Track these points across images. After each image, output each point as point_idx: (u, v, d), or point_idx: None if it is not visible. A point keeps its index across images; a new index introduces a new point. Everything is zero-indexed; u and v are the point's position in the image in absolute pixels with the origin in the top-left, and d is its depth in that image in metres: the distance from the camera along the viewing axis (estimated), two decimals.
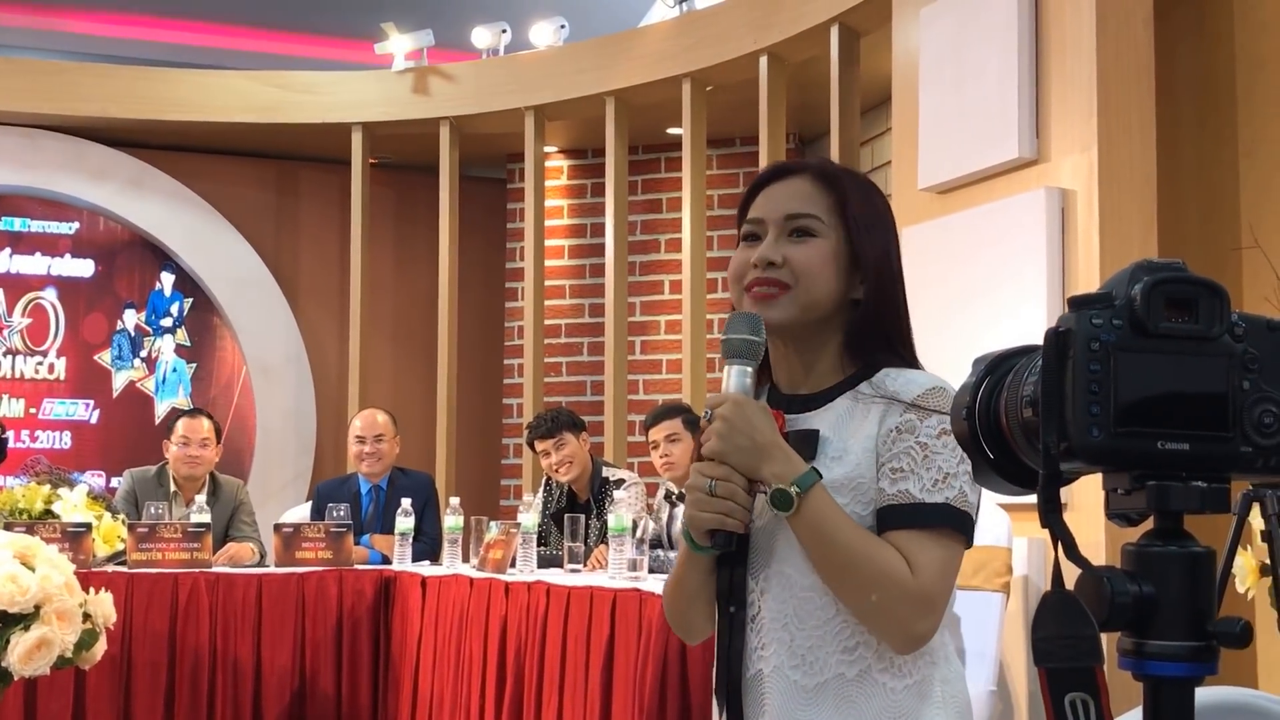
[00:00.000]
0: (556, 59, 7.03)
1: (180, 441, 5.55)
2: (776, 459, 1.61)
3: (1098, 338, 1.01)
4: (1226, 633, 1.02)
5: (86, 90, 7.34)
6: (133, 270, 7.80)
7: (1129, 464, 1.02)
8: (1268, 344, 1.03)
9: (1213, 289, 1.02)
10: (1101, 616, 1.00)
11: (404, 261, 8.06)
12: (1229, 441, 1.02)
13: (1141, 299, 1.01)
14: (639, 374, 7.41)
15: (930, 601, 1.59)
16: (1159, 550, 1.03)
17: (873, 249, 1.71)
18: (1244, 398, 1.02)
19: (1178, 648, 1.01)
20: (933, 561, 1.59)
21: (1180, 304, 1.02)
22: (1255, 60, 4.36)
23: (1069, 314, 1.02)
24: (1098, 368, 1.00)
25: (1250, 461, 1.02)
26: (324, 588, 5.10)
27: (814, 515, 1.60)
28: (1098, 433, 1.00)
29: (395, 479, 5.80)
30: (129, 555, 5.03)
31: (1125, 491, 1.04)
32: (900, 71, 5.05)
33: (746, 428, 1.61)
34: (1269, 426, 1.02)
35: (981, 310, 4.38)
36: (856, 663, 1.64)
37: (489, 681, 4.51)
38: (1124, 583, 1.02)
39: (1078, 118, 4.15)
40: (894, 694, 1.63)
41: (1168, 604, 1.02)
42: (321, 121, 7.41)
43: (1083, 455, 1.01)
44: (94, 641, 3.64)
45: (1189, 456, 1.02)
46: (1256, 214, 4.28)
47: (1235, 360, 1.02)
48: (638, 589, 3.91)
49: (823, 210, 1.71)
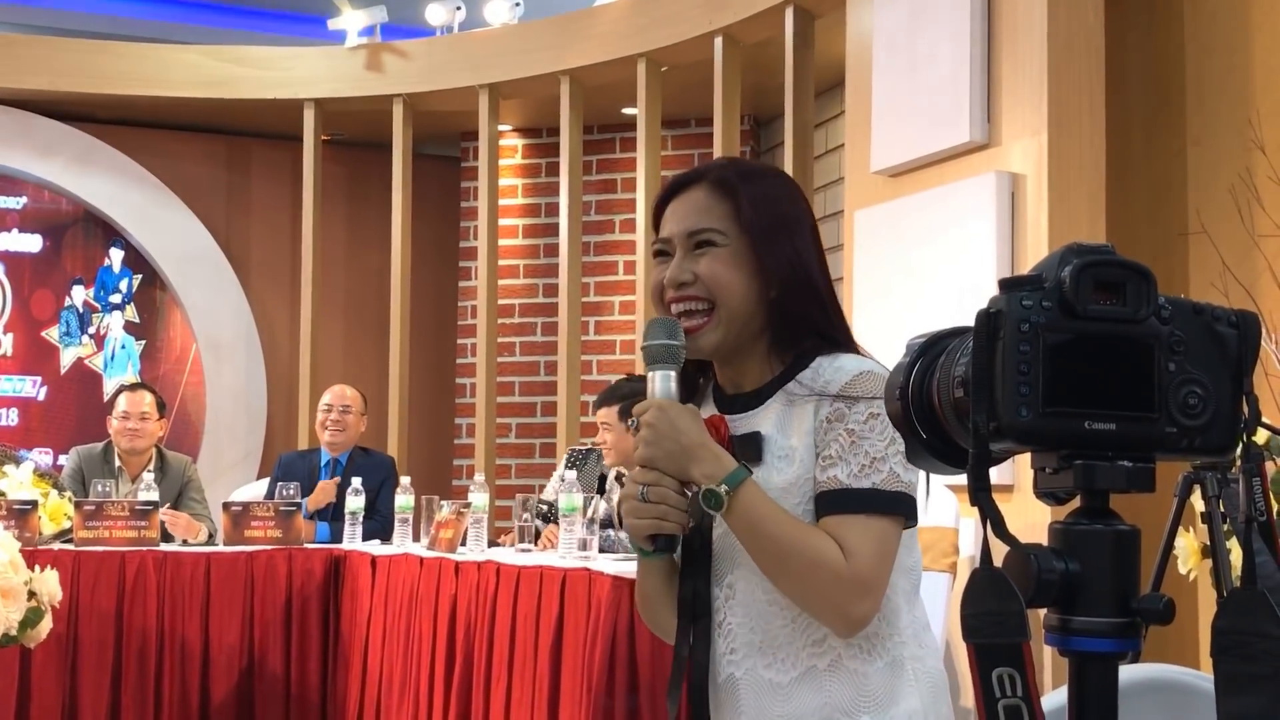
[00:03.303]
0: (511, 37, 7.00)
1: (121, 416, 5.51)
2: (704, 460, 1.63)
3: (1028, 319, 1.02)
4: (1150, 609, 1.03)
5: (34, 63, 7.25)
6: (81, 246, 7.72)
7: (1057, 443, 1.04)
8: (1193, 327, 1.05)
9: (1141, 272, 1.04)
10: (1028, 593, 1.02)
11: (356, 239, 8.01)
12: (1154, 422, 1.03)
13: (1070, 281, 1.02)
14: (592, 354, 7.41)
15: (865, 584, 1.61)
16: (1084, 528, 1.05)
17: (777, 249, 1.72)
18: (1169, 379, 1.04)
19: (1102, 624, 1.03)
20: (864, 545, 1.61)
21: (1108, 287, 1.03)
22: (1204, 49, 4.41)
23: (999, 295, 1.03)
24: (1027, 348, 1.02)
25: (1175, 442, 1.04)
26: (273, 566, 5.08)
27: (745, 511, 1.62)
28: (1026, 412, 1.01)
29: (355, 457, 5.81)
30: (76, 533, 4.99)
31: (1053, 470, 1.06)
32: (854, 55, 5.06)
33: (672, 432, 1.64)
34: (1193, 408, 1.04)
35: (932, 292, 4.41)
36: (827, 653, 1.67)
37: (438, 660, 4.51)
38: (1050, 560, 1.03)
39: (1028, 103, 4.18)
40: (867, 678, 1.66)
41: (1092, 581, 1.04)
42: (273, 97, 7.35)
43: (1011, 435, 1.02)
44: (39, 619, 3.62)
45: (1115, 436, 1.03)
46: (1203, 200, 4.33)
47: (1161, 342, 1.04)
48: (587, 568, 3.92)
49: (721, 219, 1.73)
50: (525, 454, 7.64)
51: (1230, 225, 4.13)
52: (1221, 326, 1.06)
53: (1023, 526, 1.13)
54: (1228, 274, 4.04)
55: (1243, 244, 4.08)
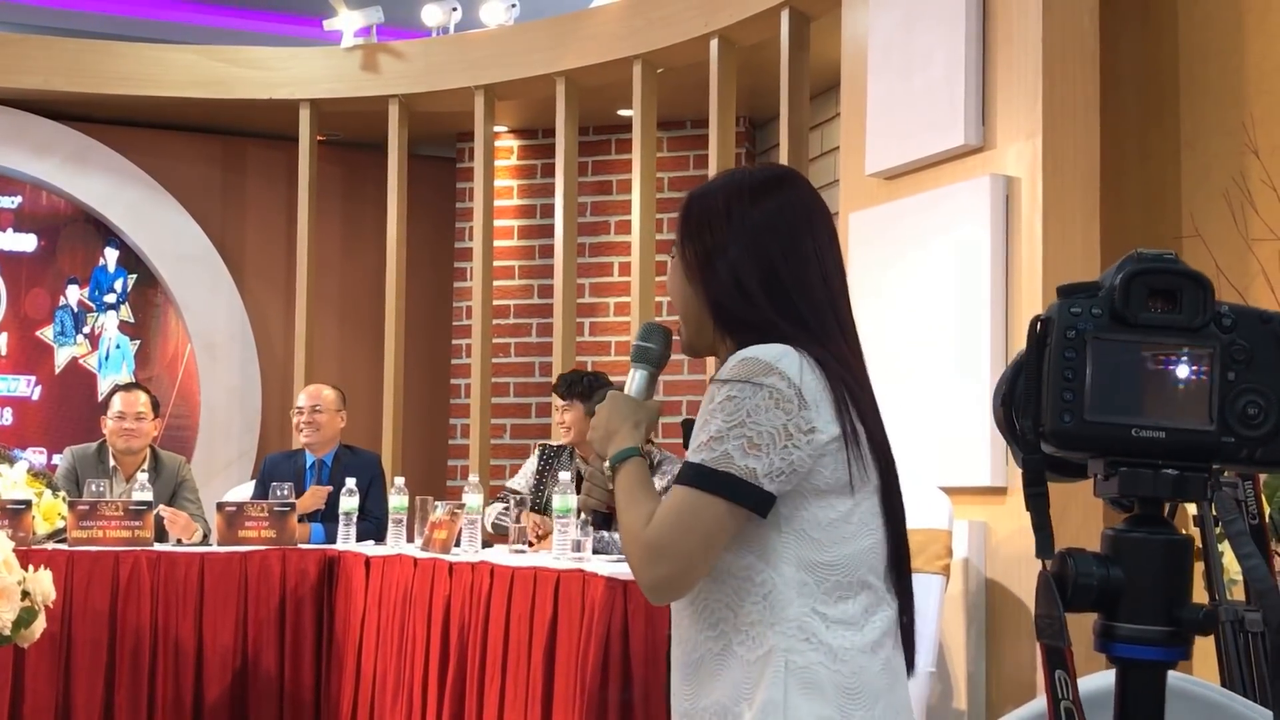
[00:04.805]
0: (507, 38, 7.01)
1: (115, 416, 5.50)
2: (616, 442, 1.79)
3: (1074, 326, 1.01)
4: (1190, 619, 1.03)
5: (30, 63, 7.24)
6: (76, 246, 7.71)
7: (1101, 449, 1.02)
8: (1259, 335, 1.03)
9: (1197, 279, 1.02)
10: (1065, 597, 1.01)
11: (351, 240, 8.01)
12: (1209, 431, 1.02)
13: (1120, 289, 1.01)
14: (587, 355, 7.41)
15: (654, 550, 1.66)
16: (1132, 536, 1.04)
17: (697, 250, 1.81)
18: (1229, 388, 1.02)
19: (1148, 631, 1.02)
20: (666, 513, 1.67)
21: (1163, 294, 1.02)
22: (1198, 52, 4.41)
23: (1054, 303, 1.03)
24: (1072, 355, 1.01)
25: (1233, 452, 1.02)
26: (267, 567, 5.08)
27: (618, 483, 1.75)
28: (1069, 419, 1.01)
29: (341, 456, 5.78)
30: (69, 533, 4.98)
31: (1104, 477, 1.05)
32: (849, 57, 5.07)
33: (604, 418, 1.82)
34: (1253, 418, 1.02)
35: (927, 294, 4.41)
36: (720, 638, 1.70)
37: (432, 661, 4.51)
38: (1089, 565, 1.02)
39: (1023, 106, 4.19)
40: (748, 665, 1.68)
41: (1139, 588, 1.02)
42: (269, 98, 7.34)
43: (1055, 440, 1.01)
44: (33, 619, 3.61)
45: (1164, 444, 1.02)
46: (1197, 203, 4.33)
47: (1221, 351, 1.02)
48: (581, 570, 3.92)
49: (677, 234, 1.86)
50: (520, 455, 7.63)
51: (1224, 229, 4.14)
52: None
53: (1017, 530, 1.14)
54: (1221, 278, 4.04)
55: (1237, 248, 4.09)
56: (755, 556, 1.67)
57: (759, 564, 1.67)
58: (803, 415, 1.65)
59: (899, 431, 1.95)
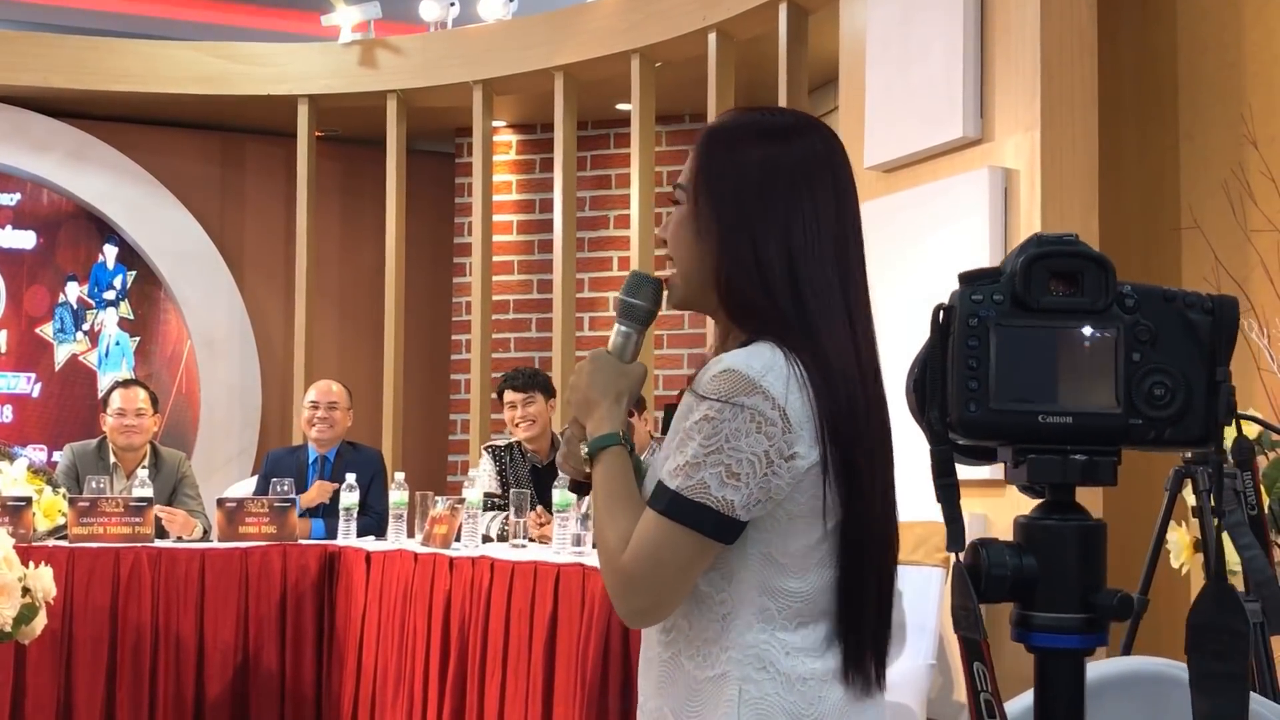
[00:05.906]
0: (505, 33, 7.00)
1: (116, 413, 5.50)
2: (595, 417, 1.66)
3: (976, 313, 0.99)
4: (1105, 605, 1.01)
5: (29, 60, 7.23)
6: (75, 243, 7.71)
7: (1009, 437, 1.01)
8: (1163, 315, 1.01)
9: (1098, 261, 1.00)
10: (980, 589, 1.00)
11: (350, 236, 8.01)
12: (1116, 414, 1.00)
13: (1021, 273, 0.99)
14: (587, 350, 7.38)
15: (627, 579, 1.56)
16: (1044, 523, 1.02)
17: (714, 201, 1.61)
18: (1134, 369, 1.00)
19: (1064, 619, 1.00)
20: (641, 542, 1.55)
21: (1064, 277, 1.00)
22: (1196, 45, 4.41)
23: (955, 290, 1.01)
24: (975, 343, 0.99)
25: (1142, 434, 1.00)
26: (268, 563, 5.08)
27: (595, 479, 1.63)
28: (975, 408, 0.99)
29: (344, 452, 5.78)
30: (70, 530, 4.98)
31: (1014, 464, 1.04)
32: (847, 50, 5.07)
33: (584, 382, 1.67)
34: (1160, 398, 1.00)
35: (925, 287, 4.41)
36: (671, 645, 1.62)
37: (433, 656, 4.52)
38: (1002, 555, 1.01)
39: (1021, 98, 4.19)
40: (697, 682, 1.60)
41: (1053, 576, 1.01)
42: (267, 94, 7.34)
43: (962, 430, 1.00)
44: (33, 616, 3.62)
45: (1072, 430, 1.00)
46: (1195, 195, 4.33)
47: (1124, 332, 1.00)
48: (581, 564, 3.92)
49: (687, 175, 1.66)
50: None
51: (1223, 220, 4.14)
52: (1195, 314, 1.01)
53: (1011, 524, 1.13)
54: (1220, 269, 4.04)
55: (1235, 239, 4.09)
56: (719, 574, 1.58)
57: (721, 582, 1.58)
58: (785, 439, 1.52)
59: (897, 426, 1.94)
